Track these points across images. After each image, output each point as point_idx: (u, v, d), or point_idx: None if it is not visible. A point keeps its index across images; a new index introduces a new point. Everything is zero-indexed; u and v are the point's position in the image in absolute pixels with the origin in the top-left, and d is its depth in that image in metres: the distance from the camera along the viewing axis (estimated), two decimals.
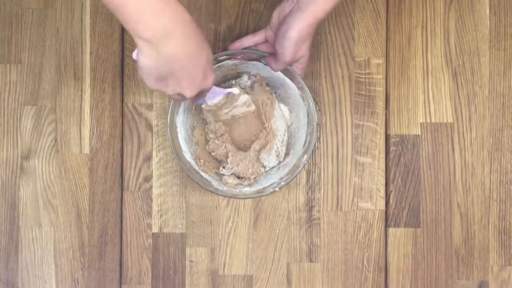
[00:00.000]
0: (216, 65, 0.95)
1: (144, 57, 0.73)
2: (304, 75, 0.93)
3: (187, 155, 0.96)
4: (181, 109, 0.95)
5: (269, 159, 0.98)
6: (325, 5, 0.83)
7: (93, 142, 1.02)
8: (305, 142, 0.95)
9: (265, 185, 0.96)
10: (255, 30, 1.01)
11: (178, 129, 0.95)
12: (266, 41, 0.94)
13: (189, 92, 0.78)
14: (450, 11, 1.02)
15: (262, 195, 0.96)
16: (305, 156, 0.94)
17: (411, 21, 1.02)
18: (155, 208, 1.02)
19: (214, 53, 1.00)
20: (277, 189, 0.94)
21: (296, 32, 0.84)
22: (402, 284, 1.01)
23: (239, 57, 0.94)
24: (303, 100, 0.95)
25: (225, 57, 0.94)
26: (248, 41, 0.95)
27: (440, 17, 1.02)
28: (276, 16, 0.90)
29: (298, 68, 0.91)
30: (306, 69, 0.92)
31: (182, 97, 0.80)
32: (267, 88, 0.98)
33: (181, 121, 0.96)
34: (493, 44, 1.02)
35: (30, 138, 1.02)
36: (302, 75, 0.92)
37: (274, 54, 0.90)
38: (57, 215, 1.02)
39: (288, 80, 0.94)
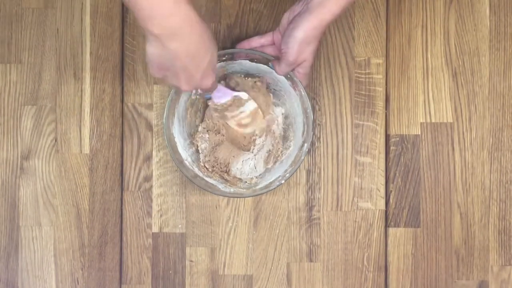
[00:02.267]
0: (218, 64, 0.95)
1: (151, 47, 0.78)
2: (307, 83, 0.93)
3: (188, 163, 0.96)
4: (175, 119, 0.95)
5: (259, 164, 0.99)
6: (333, 7, 0.83)
7: (93, 142, 1.02)
8: (303, 131, 0.95)
9: (271, 180, 0.96)
10: (255, 30, 1.02)
11: (176, 139, 0.96)
12: (273, 43, 0.94)
13: (185, 87, 0.83)
14: (450, 11, 1.02)
15: (270, 190, 0.94)
16: (305, 144, 0.94)
17: (411, 21, 1.02)
18: (155, 208, 1.02)
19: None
20: (283, 181, 0.93)
21: (302, 32, 0.84)
22: (402, 284, 1.01)
23: (243, 57, 0.94)
24: (295, 90, 0.94)
25: (226, 56, 0.94)
26: (256, 42, 0.95)
27: (440, 17, 1.02)
28: (286, 17, 0.90)
29: (300, 74, 0.90)
30: (308, 77, 0.92)
31: (179, 89, 0.86)
32: (267, 91, 0.99)
33: (178, 132, 0.96)
34: (493, 44, 1.02)
35: (30, 138, 1.02)
36: (304, 83, 0.92)
37: (278, 58, 0.90)
38: (57, 215, 1.02)
39: (275, 73, 0.94)
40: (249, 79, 0.98)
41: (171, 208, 1.02)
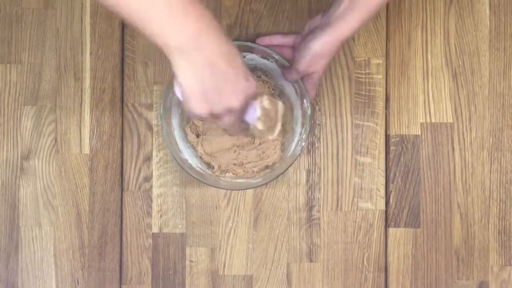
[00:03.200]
0: None
1: (183, 74, 0.69)
2: (314, 94, 0.92)
3: (188, 157, 0.96)
4: (174, 123, 0.96)
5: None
6: (353, 21, 0.81)
7: (93, 142, 1.02)
8: (299, 139, 0.95)
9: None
10: (255, 30, 1.01)
11: (175, 130, 0.96)
12: (293, 46, 0.94)
13: (236, 101, 0.73)
14: (450, 11, 1.02)
15: (267, 182, 0.95)
16: (302, 142, 0.94)
17: (411, 21, 1.02)
18: (155, 208, 1.02)
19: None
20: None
21: (319, 44, 0.83)
22: (402, 284, 1.01)
23: (260, 53, 0.94)
24: (296, 95, 0.95)
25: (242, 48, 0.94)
26: (278, 40, 0.95)
27: (440, 17, 1.02)
28: (308, 25, 0.89)
29: (308, 83, 0.90)
30: (316, 88, 0.91)
31: (230, 114, 0.75)
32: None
33: (176, 117, 0.96)
34: (493, 44, 1.02)
35: (30, 138, 1.02)
36: (311, 95, 0.91)
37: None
38: (57, 215, 1.02)
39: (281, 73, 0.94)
40: None
41: (171, 209, 1.02)
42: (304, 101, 0.93)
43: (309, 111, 0.92)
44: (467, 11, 1.02)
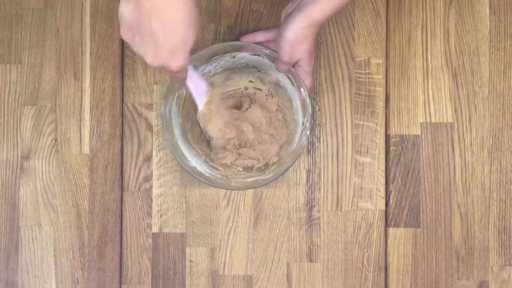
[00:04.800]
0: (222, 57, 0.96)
1: (125, 1, 0.70)
2: (310, 82, 0.92)
3: (196, 164, 0.96)
4: (175, 122, 0.96)
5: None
6: (324, 7, 0.80)
7: (93, 142, 1.02)
8: (300, 136, 0.95)
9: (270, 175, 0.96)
10: (255, 30, 1.02)
11: (178, 140, 0.96)
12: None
13: (150, 58, 0.73)
14: (450, 11, 1.02)
15: (272, 179, 0.94)
16: (304, 136, 0.94)
17: (411, 21, 1.02)
18: (155, 208, 1.02)
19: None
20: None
21: (291, 32, 0.83)
22: (402, 284, 1.01)
23: (250, 50, 0.94)
24: (293, 86, 0.94)
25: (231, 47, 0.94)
26: (260, 36, 0.95)
27: (440, 17, 1.02)
28: (283, 16, 0.89)
29: (300, 72, 0.90)
30: (310, 75, 0.91)
31: (145, 61, 0.75)
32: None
33: (178, 127, 0.96)
34: (493, 44, 1.02)
35: (30, 138, 1.02)
36: (307, 83, 0.91)
37: None
38: (57, 215, 1.02)
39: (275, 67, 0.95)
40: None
41: (171, 208, 1.02)
42: (301, 90, 0.92)
43: (307, 99, 0.92)
44: (467, 11, 1.02)
